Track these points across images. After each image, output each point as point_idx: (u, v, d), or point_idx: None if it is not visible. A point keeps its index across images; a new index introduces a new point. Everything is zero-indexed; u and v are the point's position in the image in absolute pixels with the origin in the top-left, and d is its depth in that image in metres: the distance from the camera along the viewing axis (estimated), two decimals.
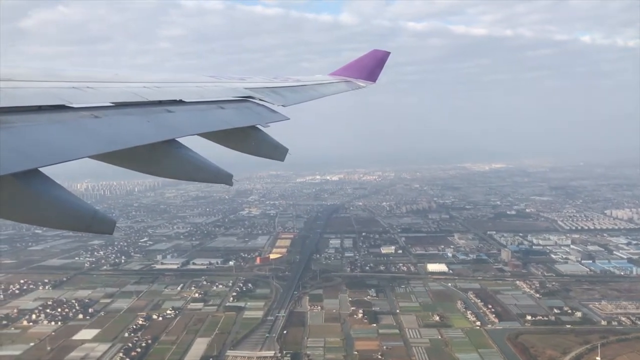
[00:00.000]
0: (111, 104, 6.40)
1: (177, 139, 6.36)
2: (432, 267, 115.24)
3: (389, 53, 19.74)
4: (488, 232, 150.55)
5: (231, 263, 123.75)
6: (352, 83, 17.53)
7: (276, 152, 8.54)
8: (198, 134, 7.00)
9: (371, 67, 19.10)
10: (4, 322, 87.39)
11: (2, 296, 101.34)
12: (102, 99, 6.58)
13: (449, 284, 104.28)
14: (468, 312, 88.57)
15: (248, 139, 8.27)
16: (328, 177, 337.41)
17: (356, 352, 74.00)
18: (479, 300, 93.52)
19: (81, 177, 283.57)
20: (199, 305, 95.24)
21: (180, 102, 7.70)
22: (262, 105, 9.35)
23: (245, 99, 9.31)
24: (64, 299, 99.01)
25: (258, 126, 8.34)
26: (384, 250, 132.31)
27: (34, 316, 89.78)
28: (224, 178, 6.94)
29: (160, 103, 7.25)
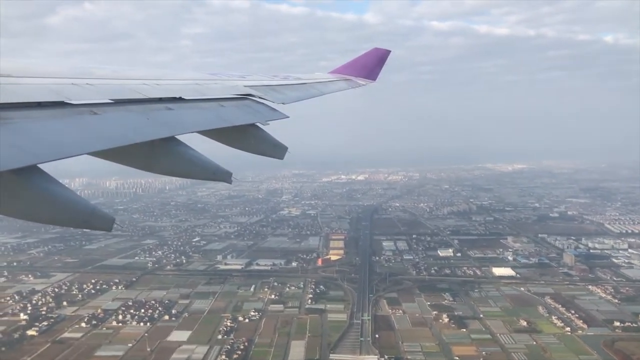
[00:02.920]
0: (110, 101, 6.40)
1: (176, 137, 6.42)
2: (498, 271, 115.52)
3: (389, 51, 19.62)
4: (539, 235, 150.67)
5: (294, 264, 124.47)
6: (352, 81, 17.46)
7: (276, 150, 8.52)
8: (197, 132, 7.05)
9: (371, 65, 19.01)
10: (94, 322, 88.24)
11: (80, 296, 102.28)
12: (101, 95, 6.57)
13: (521, 289, 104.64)
14: (552, 317, 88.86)
15: (248, 137, 8.29)
16: (353, 177, 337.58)
17: (457, 358, 74.54)
18: (559, 305, 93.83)
19: (108, 175, 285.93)
20: (279, 307, 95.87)
21: (180, 100, 7.71)
22: (262, 103, 9.36)
23: (245, 97, 9.33)
24: (143, 300, 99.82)
25: (258, 124, 8.37)
26: (442, 253, 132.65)
27: (120, 316, 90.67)
28: (223, 176, 6.94)
29: (160, 100, 7.26)
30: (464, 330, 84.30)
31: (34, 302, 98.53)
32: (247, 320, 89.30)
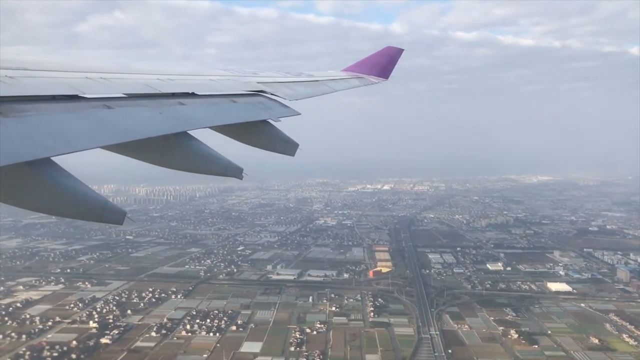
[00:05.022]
0: (124, 95, 6.43)
1: (188, 132, 6.43)
2: (553, 286, 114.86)
3: (402, 50, 19.66)
4: (585, 250, 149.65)
5: (346, 275, 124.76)
6: (365, 79, 17.35)
7: (287, 147, 8.54)
8: (209, 127, 7.07)
9: (384, 64, 19.00)
10: (163, 331, 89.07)
11: (142, 305, 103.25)
12: (115, 89, 6.58)
13: (582, 305, 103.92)
14: (623, 335, 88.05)
15: (259, 133, 8.31)
16: (378, 187, 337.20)
17: None
18: (626, 323, 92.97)
19: (136, 181, 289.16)
20: (343, 319, 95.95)
21: (193, 95, 7.73)
22: (274, 99, 9.36)
23: (257, 93, 9.37)
24: (205, 309, 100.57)
25: (269, 120, 8.38)
26: (491, 267, 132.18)
27: (187, 326, 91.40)
28: (235, 172, 6.94)
29: (172, 95, 7.29)
30: (536, 346, 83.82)
31: (98, 309, 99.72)
32: (314, 332, 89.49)
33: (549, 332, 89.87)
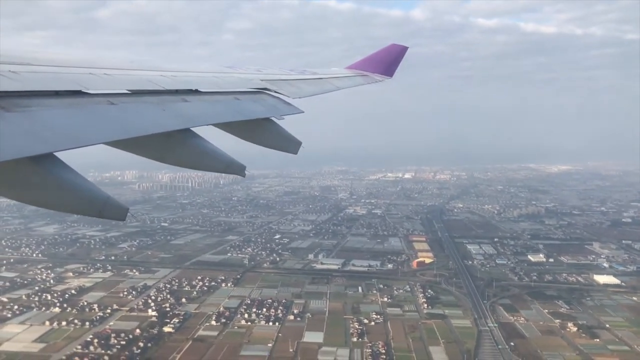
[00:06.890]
0: (127, 91, 6.40)
1: (191, 129, 6.41)
2: (600, 278, 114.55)
3: (406, 48, 19.44)
4: (623, 241, 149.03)
5: (390, 266, 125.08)
6: (369, 77, 17.26)
7: (290, 145, 8.51)
8: (212, 124, 7.05)
9: (388, 61, 18.78)
10: (222, 320, 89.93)
11: (195, 293, 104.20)
12: (119, 85, 6.56)
13: (634, 298, 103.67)
14: None
15: (262, 130, 8.28)
16: (399, 175, 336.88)
17: None
18: None
19: (160, 168, 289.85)
20: (397, 310, 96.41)
21: (196, 92, 7.74)
22: (277, 97, 9.34)
23: (260, 91, 9.32)
24: (259, 298, 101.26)
25: (272, 118, 8.35)
26: (533, 258, 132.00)
27: (246, 315, 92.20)
28: (237, 169, 6.94)
29: (176, 92, 7.28)
30: (597, 340, 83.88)
31: (152, 297, 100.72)
32: (372, 323, 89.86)
33: (607, 325, 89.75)
